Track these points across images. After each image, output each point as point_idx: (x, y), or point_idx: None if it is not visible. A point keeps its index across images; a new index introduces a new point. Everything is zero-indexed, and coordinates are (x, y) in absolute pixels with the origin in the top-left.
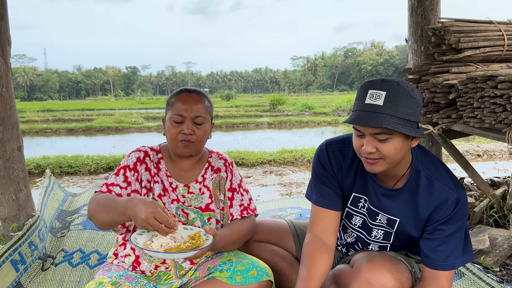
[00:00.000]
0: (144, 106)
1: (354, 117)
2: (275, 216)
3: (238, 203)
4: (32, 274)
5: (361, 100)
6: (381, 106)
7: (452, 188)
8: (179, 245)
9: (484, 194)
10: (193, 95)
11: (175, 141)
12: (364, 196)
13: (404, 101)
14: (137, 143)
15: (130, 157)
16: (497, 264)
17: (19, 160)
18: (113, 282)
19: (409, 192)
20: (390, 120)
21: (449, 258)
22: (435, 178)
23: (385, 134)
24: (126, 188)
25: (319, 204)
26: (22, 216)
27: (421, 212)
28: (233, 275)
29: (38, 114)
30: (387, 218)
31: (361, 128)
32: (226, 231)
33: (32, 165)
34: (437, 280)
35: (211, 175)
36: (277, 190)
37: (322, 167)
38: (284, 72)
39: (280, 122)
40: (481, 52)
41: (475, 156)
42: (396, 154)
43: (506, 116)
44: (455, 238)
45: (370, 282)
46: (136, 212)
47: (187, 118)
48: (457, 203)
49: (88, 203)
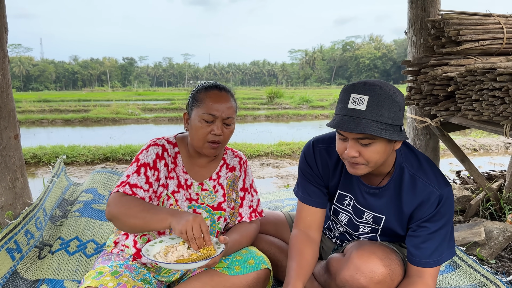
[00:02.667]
0: (141, 97)
1: (337, 121)
2: (272, 207)
3: (248, 204)
4: (29, 263)
5: (344, 104)
6: (363, 111)
7: (435, 186)
8: (190, 254)
9: (480, 187)
10: (224, 94)
11: (202, 140)
12: (349, 194)
13: (386, 105)
14: (134, 134)
15: (149, 153)
16: (492, 256)
17: (16, 148)
18: (113, 272)
19: (393, 189)
20: (373, 126)
21: (433, 255)
22: (418, 176)
23: (368, 139)
24: (148, 190)
25: (305, 201)
26: (18, 204)
27: (404, 209)
28: (231, 265)
29: (34, 104)
30: (373, 216)
31: (344, 132)
32: (236, 237)
33: (28, 155)
34: (422, 278)
35: (225, 173)
36: (274, 182)
37: (308, 166)
38: (282, 65)
39: (277, 115)
40: (480, 45)
41: (472, 150)
42: (378, 158)
43: (504, 109)
44: (439, 235)
45: (359, 268)
46: (182, 217)
47: (218, 118)
48: (439, 200)
49: (109, 202)
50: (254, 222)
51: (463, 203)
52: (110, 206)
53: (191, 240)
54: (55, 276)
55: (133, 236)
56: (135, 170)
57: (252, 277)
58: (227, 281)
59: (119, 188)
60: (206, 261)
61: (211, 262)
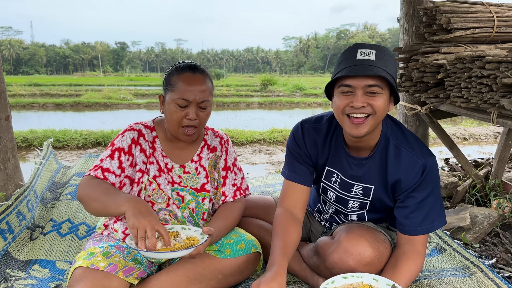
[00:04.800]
0: (133, 82)
1: (349, 70)
2: (263, 191)
3: (231, 182)
4: (21, 243)
5: (351, 58)
6: (373, 61)
7: (419, 156)
8: (175, 244)
9: (468, 175)
10: (197, 76)
11: (177, 125)
12: (337, 171)
13: (390, 60)
14: (126, 119)
15: (124, 138)
16: (476, 240)
17: (7, 129)
18: (104, 252)
19: (379, 159)
20: (384, 73)
21: (424, 223)
22: (402, 146)
23: (378, 87)
24: (119, 175)
25: (291, 178)
26: (10, 185)
27: (389, 179)
28: (222, 249)
29: (25, 88)
30: (362, 187)
31: (353, 81)
32: (221, 223)
33: (19, 139)
34: (412, 245)
35: (207, 154)
36: (266, 169)
37: (297, 145)
38: (276, 52)
39: (270, 103)
40: (471, 33)
41: (462, 139)
42: (382, 110)
43: (492, 96)
44: (427, 203)
45: (348, 251)
46: (134, 214)
47: (193, 102)
48: (424, 169)
49: (80, 184)
50: (238, 201)
51: (450, 189)
52: (79, 188)
53: (140, 239)
54: (47, 257)
55: (121, 222)
56: (109, 155)
57: (242, 260)
58: (217, 263)
59: (91, 172)
60: (189, 251)
61: (195, 252)
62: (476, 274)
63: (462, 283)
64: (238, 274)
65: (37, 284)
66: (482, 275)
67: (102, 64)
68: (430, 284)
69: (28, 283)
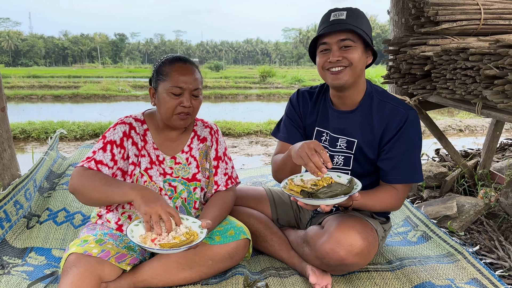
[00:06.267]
0: (132, 74)
1: (322, 30)
2: (256, 182)
3: (223, 171)
4: (17, 232)
5: (326, 20)
6: (344, 19)
7: (402, 107)
8: (174, 237)
9: (457, 165)
10: (188, 66)
11: (171, 113)
12: (326, 130)
13: (362, 18)
14: (124, 111)
15: (116, 131)
16: (462, 228)
17: (3, 120)
18: (98, 240)
19: (363, 115)
20: (354, 28)
21: (406, 172)
22: (386, 101)
23: (350, 41)
24: (112, 167)
25: (284, 139)
26: (6, 175)
27: (375, 130)
28: (212, 235)
29: (23, 80)
30: (346, 140)
31: (328, 38)
32: (216, 213)
33: (17, 130)
34: (394, 188)
35: (197, 145)
36: (262, 160)
37: (292, 107)
38: (276, 44)
39: (269, 94)
40: (458, 25)
41: (457, 131)
42: (358, 62)
43: (475, 88)
44: (409, 157)
45: (339, 242)
46: (144, 201)
47: (186, 90)
48: (406, 118)
49: (73, 175)
50: (230, 189)
51: (439, 179)
52: (73, 179)
53: (156, 223)
54: (43, 245)
55: (113, 213)
56: (101, 147)
57: (232, 247)
58: (208, 249)
59: (84, 163)
60: (190, 246)
61: (194, 247)
62: (460, 260)
63: (446, 269)
64: (228, 260)
65: (33, 271)
66: (465, 261)
67: (101, 55)
68: (415, 270)
69: (25, 270)
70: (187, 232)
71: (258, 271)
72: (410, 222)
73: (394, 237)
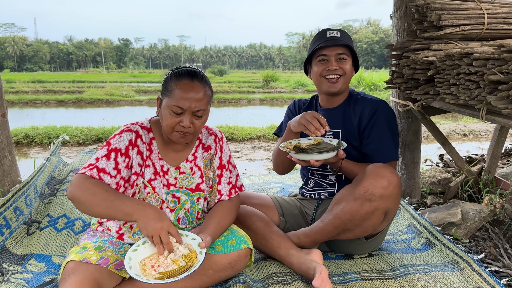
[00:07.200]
0: (136, 79)
1: (323, 44)
2: (258, 189)
3: (227, 180)
4: (17, 238)
5: (322, 36)
6: (339, 37)
7: (374, 98)
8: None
9: (461, 171)
10: (196, 84)
11: (171, 130)
12: None
13: (350, 38)
14: (128, 116)
15: (122, 139)
16: (467, 236)
17: (4, 126)
18: (97, 247)
19: (344, 110)
20: (349, 44)
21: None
22: (362, 96)
23: (345, 55)
24: (115, 176)
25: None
26: (6, 181)
27: (353, 121)
28: (213, 245)
29: (28, 85)
30: (332, 132)
31: (327, 51)
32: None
33: (21, 135)
34: None
35: (202, 154)
36: (264, 165)
37: (290, 111)
38: (279, 48)
39: (272, 99)
40: (461, 30)
41: (462, 135)
42: (350, 72)
43: (479, 93)
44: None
45: (379, 174)
46: (145, 223)
47: (187, 111)
48: (376, 107)
49: (73, 183)
50: (234, 199)
51: (444, 185)
52: (73, 187)
53: (158, 245)
54: (43, 252)
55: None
56: (105, 154)
57: (233, 256)
58: (208, 259)
59: (86, 171)
60: (189, 273)
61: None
62: (464, 269)
63: (451, 277)
64: (228, 269)
65: (33, 278)
66: (470, 270)
67: (105, 60)
68: (419, 278)
69: (24, 277)
70: (186, 254)
71: (260, 279)
72: (414, 229)
73: (398, 244)
